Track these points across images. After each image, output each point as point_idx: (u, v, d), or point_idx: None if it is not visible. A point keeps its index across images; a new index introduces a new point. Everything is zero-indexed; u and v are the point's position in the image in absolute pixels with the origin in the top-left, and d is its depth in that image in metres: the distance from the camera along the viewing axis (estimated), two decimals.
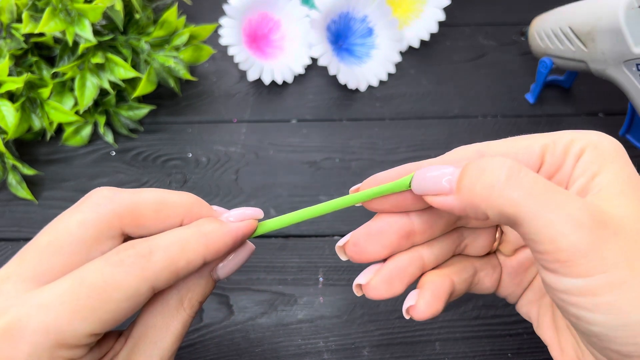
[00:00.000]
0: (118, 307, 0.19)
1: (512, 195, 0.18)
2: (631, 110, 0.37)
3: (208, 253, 0.21)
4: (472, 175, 0.19)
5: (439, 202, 0.20)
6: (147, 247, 0.20)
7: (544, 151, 0.20)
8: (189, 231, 0.21)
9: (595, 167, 0.19)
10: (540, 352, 0.32)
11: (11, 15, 0.40)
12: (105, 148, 0.42)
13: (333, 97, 0.46)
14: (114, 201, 0.21)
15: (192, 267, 0.21)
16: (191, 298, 0.22)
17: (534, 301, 0.24)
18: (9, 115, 0.38)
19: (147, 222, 0.21)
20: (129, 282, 0.19)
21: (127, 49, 0.42)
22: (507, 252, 0.25)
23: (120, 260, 0.19)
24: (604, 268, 0.17)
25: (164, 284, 0.20)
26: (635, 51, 0.33)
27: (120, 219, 0.21)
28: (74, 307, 0.18)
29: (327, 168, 0.41)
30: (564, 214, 0.17)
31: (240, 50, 0.44)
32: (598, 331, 0.18)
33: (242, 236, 0.23)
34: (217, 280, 0.23)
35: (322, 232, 0.37)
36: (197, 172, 0.41)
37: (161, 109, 0.45)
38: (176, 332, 0.22)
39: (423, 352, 0.32)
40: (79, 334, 0.18)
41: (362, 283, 0.23)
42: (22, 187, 0.39)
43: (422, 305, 0.23)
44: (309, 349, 0.32)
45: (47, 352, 0.18)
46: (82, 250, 0.20)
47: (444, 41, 0.50)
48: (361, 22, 0.47)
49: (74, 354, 0.19)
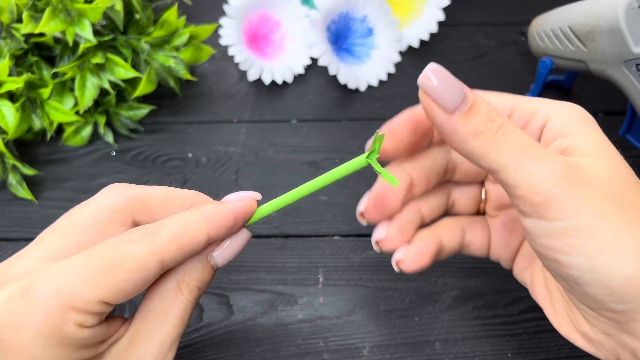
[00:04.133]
0: (129, 276, 0.20)
1: (498, 144, 0.20)
2: (631, 110, 0.37)
3: (211, 229, 0.23)
4: (475, 115, 0.20)
5: (434, 112, 0.21)
6: (154, 227, 0.22)
7: (512, 109, 0.23)
8: (191, 212, 0.23)
9: (567, 129, 0.22)
10: (540, 352, 0.32)
11: (11, 15, 0.40)
12: (105, 148, 0.42)
13: (333, 97, 0.46)
14: (126, 191, 0.23)
15: (196, 242, 0.22)
16: (189, 282, 0.23)
17: (526, 267, 0.26)
18: (9, 115, 0.38)
19: (156, 211, 0.23)
20: (138, 254, 0.21)
21: (127, 49, 0.42)
22: (491, 212, 0.27)
23: (130, 238, 0.21)
24: (576, 212, 0.19)
25: (171, 258, 0.22)
26: (635, 51, 0.33)
27: (132, 207, 0.23)
28: (85, 274, 0.20)
29: (327, 168, 0.41)
30: (541, 163, 0.19)
31: (240, 50, 0.45)
32: (575, 275, 0.20)
33: (242, 214, 0.24)
34: (215, 267, 0.24)
35: (322, 232, 0.37)
36: (197, 172, 0.41)
37: (161, 109, 0.45)
38: (176, 317, 0.23)
39: (423, 352, 0.32)
40: (90, 298, 0.20)
41: (381, 237, 0.25)
42: (22, 187, 0.39)
43: (410, 258, 0.25)
44: (309, 349, 0.32)
45: (58, 313, 0.19)
46: (95, 232, 0.22)
47: (443, 41, 0.50)
48: (361, 22, 0.47)
49: (84, 319, 0.20)
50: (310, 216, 0.38)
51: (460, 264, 0.35)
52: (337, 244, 0.37)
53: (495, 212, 0.27)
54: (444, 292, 0.34)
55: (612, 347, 0.21)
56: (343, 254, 0.36)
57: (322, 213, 0.38)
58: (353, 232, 0.37)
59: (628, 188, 0.20)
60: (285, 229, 0.38)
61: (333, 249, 0.36)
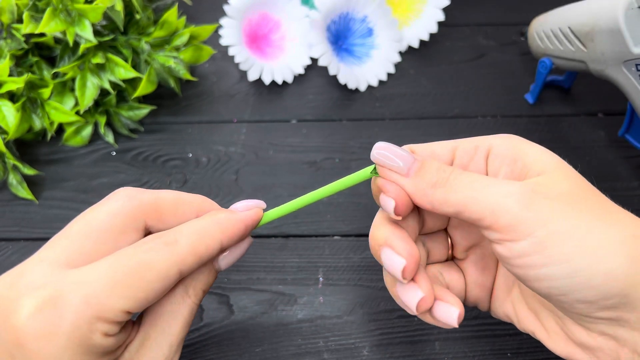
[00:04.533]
0: (151, 287, 0.21)
1: (454, 188, 0.21)
2: (630, 110, 0.37)
3: (224, 238, 0.24)
4: (427, 171, 0.22)
5: (394, 178, 0.23)
6: (172, 236, 0.22)
7: (454, 151, 0.24)
8: (206, 221, 0.24)
9: (513, 154, 0.23)
10: (539, 352, 0.32)
11: (12, 15, 0.40)
12: (106, 148, 0.43)
13: (333, 97, 0.46)
14: (138, 197, 0.23)
15: (211, 251, 0.23)
16: (195, 286, 0.24)
17: (505, 298, 0.26)
18: (10, 115, 0.38)
19: (167, 217, 0.24)
20: (160, 265, 0.21)
21: (128, 49, 0.42)
22: (460, 255, 0.27)
23: (151, 247, 0.21)
24: (542, 223, 0.20)
25: (189, 268, 0.22)
26: (635, 51, 0.33)
27: (145, 213, 0.23)
28: (112, 284, 0.20)
29: (327, 168, 0.41)
30: (497, 189, 0.21)
31: (241, 51, 0.45)
32: (559, 285, 0.20)
33: (251, 223, 0.25)
34: (219, 270, 0.25)
35: (322, 232, 0.37)
36: (197, 172, 0.41)
37: (161, 109, 0.45)
38: (184, 319, 0.23)
39: (423, 352, 0.32)
40: (116, 309, 0.20)
41: (421, 296, 0.23)
42: (22, 187, 0.39)
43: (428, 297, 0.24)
44: (309, 349, 0.32)
45: (87, 323, 0.19)
46: (110, 238, 0.22)
47: (443, 41, 0.50)
48: (361, 22, 0.47)
49: (109, 328, 0.20)
50: (310, 216, 0.38)
51: None
52: (337, 244, 0.37)
53: (463, 254, 0.27)
54: None
55: (612, 348, 0.21)
56: (343, 254, 0.36)
57: (322, 213, 0.38)
58: (353, 232, 0.37)
59: (587, 193, 0.21)
60: (285, 229, 0.38)
61: (333, 249, 0.37)
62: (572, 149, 0.42)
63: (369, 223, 0.37)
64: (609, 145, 0.42)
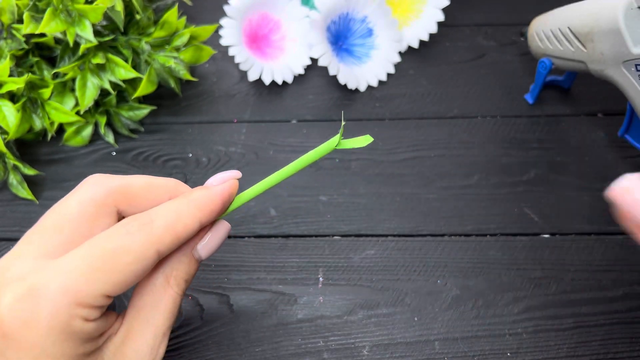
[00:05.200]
0: (128, 269, 0.21)
1: None
2: (630, 110, 0.38)
3: (202, 215, 0.24)
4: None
5: None
6: (147, 217, 0.22)
7: None
8: (181, 200, 0.24)
9: None
10: (539, 351, 0.32)
11: (12, 15, 0.40)
12: (106, 148, 0.43)
13: (333, 97, 0.46)
14: (107, 182, 0.23)
15: (189, 229, 0.23)
16: (176, 276, 0.24)
17: None
18: (10, 115, 0.38)
19: (137, 200, 0.24)
20: (136, 247, 0.21)
21: (128, 49, 0.42)
22: None
23: (127, 230, 0.22)
24: None
25: (167, 248, 0.22)
26: (634, 52, 0.33)
27: (114, 198, 0.23)
28: (89, 270, 0.20)
29: (327, 168, 0.41)
30: None
31: (241, 51, 0.45)
32: None
33: (228, 196, 0.25)
34: (200, 259, 0.25)
35: (322, 232, 0.37)
36: (197, 172, 0.41)
37: (162, 109, 0.45)
38: (166, 310, 0.24)
39: (423, 351, 0.32)
40: (95, 293, 0.20)
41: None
42: (23, 187, 0.39)
43: None
44: (309, 349, 0.32)
45: (66, 310, 0.20)
46: (83, 226, 0.22)
47: (443, 42, 0.50)
48: (361, 22, 0.47)
49: (89, 313, 0.21)
50: (310, 216, 0.38)
51: (460, 263, 0.36)
52: (337, 243, 0.37)
53: None
54: (443, 291, 0.34)
55: None
56: (343, 253, 0.36)
57: (322, 213, 0.38)
58: (353, 232, 0.37)
59: None
60: (285, 229, 0.38)
61: (333, 249, 0.37)
62: (571, 149, 0.42)
63: (369, 223, 0.38)
64: (609, 145, 0.42)
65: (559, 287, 0.34)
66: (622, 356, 0.32)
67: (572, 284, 0.35)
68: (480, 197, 0.39)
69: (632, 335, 0.32)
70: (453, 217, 0.38)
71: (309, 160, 0.25)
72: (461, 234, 0.37)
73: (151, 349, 0.23)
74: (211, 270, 0.36)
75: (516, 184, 0.40)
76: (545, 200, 0.39)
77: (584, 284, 0.35)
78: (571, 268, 0.35)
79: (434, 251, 0.36)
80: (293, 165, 0.26)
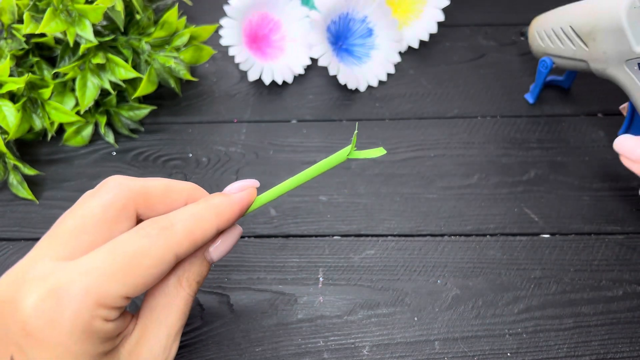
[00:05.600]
0: (148, 272, 0.22)
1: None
2: (631, 110, 0.38)
3: (220, 222, 0.24)
4: None
5: None
6: (168, 221, 0.23)
7: None
8: (201, 205, 0.24)
9: None
10: (539, 351, 0.32)
11: (12, 15, 0.40)
12: (106, 148, 0.43)
13: (333, 97, 0.46)
14: (128, 186, 0.24)
15: (207, 235, 0.24)
16: (188, 277, 0.25)
17: None
18: (10, 115, 0.38)
19: (156, 204, 0.24)
20: (156, 250, 0.22)
21: (128, 49, 0.42)
22: None
23: (147, 233, 0.22)
24: None
25: (185, 252, 0.23)
26: (637, 50, 0.33)
27: (135, 202, 0.24)
28: (110, 271, 0.21)
29: None
30: None
31: (241, 51, 0.45)
32: None
33: (246, 204, 0.26)
34: (211, 262, 0.26)
35: (322, 232, 0.37)
36: (197, 172, 0.41)
37: (162, 109, 0.45)
38: (179, 311, 0.24)
39: (423, 351, 0.32)
40: (115, 295, 0.21)
41: None
42: (23, 187, 0.39)
43: None
44: (309, 349, 0.32)
45: (88, 310, 0.20)
46: (104, 229, 0.23)
47: (443, 42, 0.50)
48: (361, 22, 0.47)
49: (109, 314, 0.21)
50: (310, 216, 0.38)
51: (460, 263, 0.36)
52: (337, 243, 0.37)
53: None
54: (443, 291, 0.34)
55: None
56: (343, 253, 0.36)
57: (322, 213, 0.38)
58: (353, 232, 0.37)
59: None
60: (285, 229, 0.38)
61: (333, 249, 0.37)
62: (571, 149, 0.42)
63: (369, 223, 0.38)
64: (609, 145, 0.42)
65: (559, 287, 0.34)
66: (622, 356, 0.32)
67: (572, 284, 0.35)
68: (480, 197, 0.39)
69: (632, 335, 0.32)
70: (453, 217, 0.38)
71: (323, 168, 0.26)
72: (461, 234, 0.37)
73: (164, 349, 0.24)
74: (211, 270, 0.36)
75: (516, 184, 0.40)
76: (545, 200, 0.39)
77: (584, 284, 0.35)
78: (571, 268, 0.35)
79: (434, 251, 0.36)
80: (307, 173, 0.26)
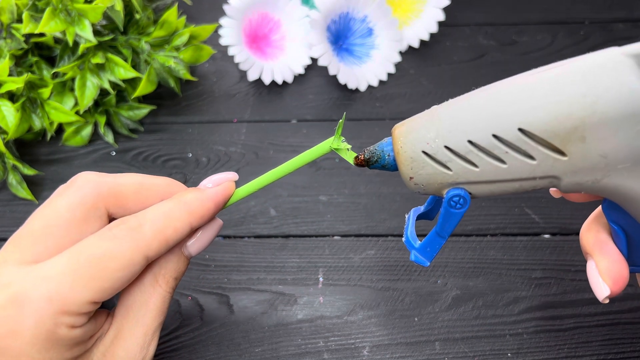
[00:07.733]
0: (115, 276, 0.21)
1: None
2: (623, 236, 0.25)
3: (193, 219, 0.23)
4: None
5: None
6: (136, 221, 0.22)
7: None
8: (172, 202, 0.23)
9: None
10: (540, 352, 0.32)
11: (11, 15, 0.40)
12: (106, 148, 0.43)
13: (333, 97, 0.46)
14: (97, 184, 0.23)
15: (180, 234, 0.23)
16: (165, 274, 0.24)
17: None
18: (10, 115, 0.38)
19: (128, 202, 0.23)
20: (123, 253, 0.21)
21: (128, 49, 0.42)
22: None
23: (114, 234, 0.21)
24: None
25: (155, 253, 0.22)
26: None
27: (104, 200, 0.22)
28: (74, 276, 0.20)
29: (327, 168, 0.41)
30: None
31: (241, 51, 0.45)
32: None
33: (222, 199, 0.24)
34: (189, 257, 0.25)
35: (322, 232, 0.37)
36: (197, 172, 0.41)
37: (161, 109, 0.45)
38: (156, 309, 0.23)
39: (423, 352, 0.32)
40: (80, 301, 0.20)
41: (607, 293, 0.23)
42: (22, 187, 0.39)
43: None
44: (309, 349, 0.32)
45: (51, 318, 0.19)
46: (72, 230, 0.22)
47: (443, 41, 0.50)
48: (361, 22, 0.47)
49: (75, 320, 0.20)
50: (310, 216, 0.38)
51: (460, 263, 0.36)
52: (337, 244, 0.37)
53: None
54: (444, 292, 0.34)
55: None
56: (343, 254, 0.36)
57: (322, 213, 0.38)
58: (353, 232, 0.37)
59: None
60: (285, 229, 0.38)
61: (333, 249, 0.37)
62: None
63: (369, 223, 0.38)
64: None
65: (559, 288, 0.34)
66: (622, 356, 0.32)
67: (573, 284, 0.35)
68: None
69: (632, 336, 0.32)
70: None
71: (305, 159, 0.25)
72: (461, 234, 0.37)
73: (141, 348, 0.23)
74: (211, 271, 0.36)
75: None
76: (546, 201, 0.39)
77: (585, 284, 0.34)
78: (572, 268, 0.35)
79: None
80: (289, 164, 0.25)
